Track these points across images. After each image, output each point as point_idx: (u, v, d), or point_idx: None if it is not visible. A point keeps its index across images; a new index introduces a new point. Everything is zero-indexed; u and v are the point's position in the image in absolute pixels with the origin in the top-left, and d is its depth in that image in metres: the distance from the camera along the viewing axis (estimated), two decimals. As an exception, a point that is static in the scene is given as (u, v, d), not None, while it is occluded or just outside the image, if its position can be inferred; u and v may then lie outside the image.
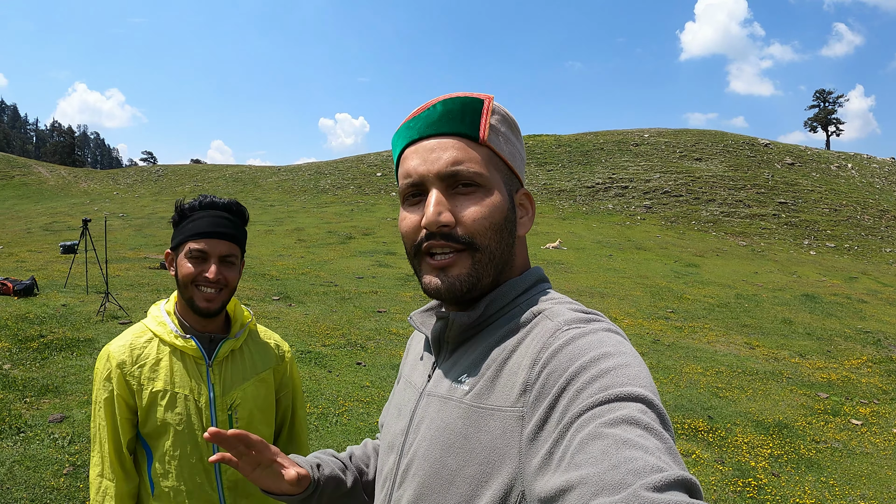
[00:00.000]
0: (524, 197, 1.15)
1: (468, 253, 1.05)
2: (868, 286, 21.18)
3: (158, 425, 1.90)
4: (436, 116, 1.09)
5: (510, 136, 1.12)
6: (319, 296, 13.69)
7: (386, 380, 8.04)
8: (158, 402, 1.91)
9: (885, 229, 34.00)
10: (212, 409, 1.96)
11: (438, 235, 1.04)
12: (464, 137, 1.07)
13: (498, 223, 1.06)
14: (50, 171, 58.93)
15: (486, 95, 1.10)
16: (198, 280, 1.91)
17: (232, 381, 2.02)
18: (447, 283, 1.06)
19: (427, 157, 1.07)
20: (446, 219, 1.03)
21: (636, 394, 0.81)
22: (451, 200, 1.06)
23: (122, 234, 25.04)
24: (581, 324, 0.97)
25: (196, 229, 1.91)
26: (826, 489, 5.80)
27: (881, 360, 11.15)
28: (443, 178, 1.05)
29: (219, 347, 2.01)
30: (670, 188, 38.13)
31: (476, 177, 1.05)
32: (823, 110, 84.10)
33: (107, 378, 1.93)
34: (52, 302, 11.09)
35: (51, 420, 5.90)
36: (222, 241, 1.93)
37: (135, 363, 1.94)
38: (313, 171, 50.47)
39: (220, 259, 1.93)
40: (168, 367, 1.95)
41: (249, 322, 2.16)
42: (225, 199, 2.00)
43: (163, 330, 1.99)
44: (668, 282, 19.08)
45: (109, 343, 2.00)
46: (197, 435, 1.92)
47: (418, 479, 1.03)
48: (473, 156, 1.06)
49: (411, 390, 1.20)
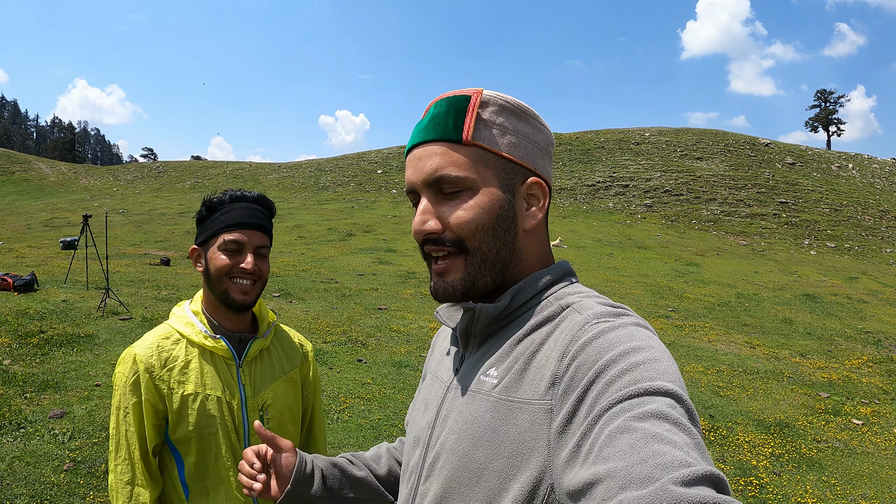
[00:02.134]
0: (534, 187, 1.11)
1: (461, 256, 1.07)
2: (868, 286, 21.18)
3: (191, 429, 1.85)
4: (425, 123, 1.10)
5: (511, 125, 1.10)
6: (320, 293, 13.68)
7: (387, 377, 8.03)
8: (190, 406, 1.85)
9: (886, 230, 34.00)
10: (243, 410, 1.93)
11: (429, 241, 1.08)
12: (446, 142, 1.07)
13: (486, 223, 1.05)
14: (50, 167, 58.99)
15: (475, 90, 1.09)
16: (233, 272, 1.88)
17: (262, 381, 1.99)
18: (443, 288, 1.09)
19: (416, 165, 1.09)
20: (430, 227, 1.07)
21: (665, 388, 0.80)
22: (440, 206, 1.07)
23: (123, 231, 25.04)
24: (610, 317, 0.97)
25: (229, 220, 1.89)
26: (827, 488, 5.80)
27: (882, 361, 11.15)
28: (429, 185, 1.07)
29: (248, 347, 1.98)
30: (671, 187, 38.13)
31: (458, 181, 1.05)
32: (824, 110, 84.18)
33: (134, 382, 1.85)
34: (53, 298, 11.08)
35: (51, 416, 5.89)
36: (257, 231, 1.92)
37: (164, 366, 1.87)
38: (314, 169, 50.51)
39: (255, 250, 1.91)
40: (198, 368, 1.90)
41: (275, 322, 2.14)
42: (254, 193, 1.99)
43: (191, 331, 1.93)
44: (668, 281, 19.08)
45: (133, 346, 1.93)
46: (231, 436, 1.89)
47: (446, 472, 1.03)
48: (456, 159, 1.05)
49: (438, 384, 1.20)
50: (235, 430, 1.90)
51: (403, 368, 8.44)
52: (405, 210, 33.84)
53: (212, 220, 1.93)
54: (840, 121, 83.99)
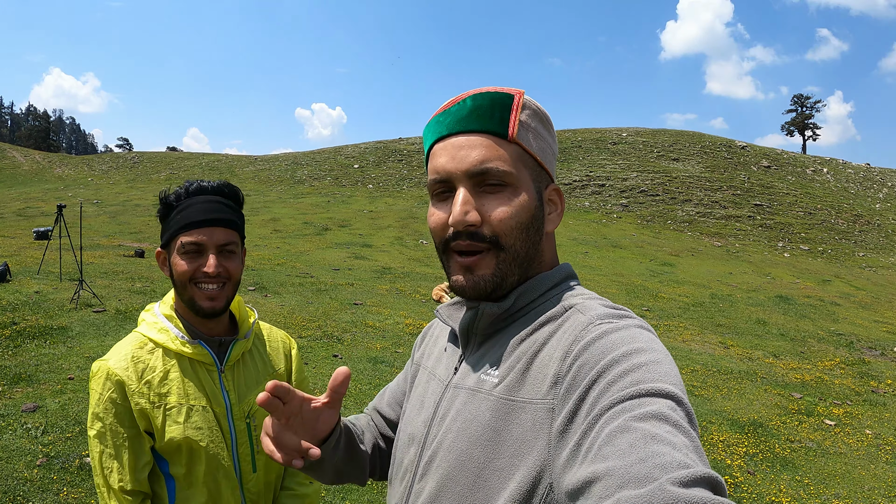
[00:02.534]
0: (554, 193, 1.15)
1: (493, 252, 1.06)
2: (841, 289, 21.47)
3: (176, 442, 1.71)
4: (465, 112, 1.08)
5: (541, 132, 1.12)
6: (295, 287, 13.62)
7: (362, 373, 8.00)
8: (174, 419, 1.72)
9: (859, 234, 34.46)
10: (229, 418, 1.80)
11: (465, 234, 1.05)
12: (492, 135, 1.07)
13: (524, 222, 1.06)
14: (24, 155, 58.26)
15: (517, 90, 1.10)
16: (196, 277, 1.71)
17: (247, 386, 1.87)
18: (472, 283, 1.07)
19: (455, 154, 1.07)
20: (473, 218, 1.04)
21: (666, 390, 0.81)
22: (479, 199, 1.06)
23: (97, 221, 24.78)
24: (613, 319, 0.98)
25: (186, 219, 1.71)
26: (801, 488, 5.86)
27: (854, 363, 11.30)
28: (471, 176, 1.05)
29: (230, 351, 1.84)
30: (647, 187, 38.37)
31: (504, 176, 1.05)
32: (801, 115, 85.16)
33: (109, 399, 1.69)
34: (25, 289, 10.93)
35: (23, 409, 5.81)
36: (218, 228, 1.73)
37: (140, 379, 1.72)
38: (290, 162, 50.28)
39: (219, 249, 1.73)
40: (179, 378, 1.75)
41: (255, 321, 1.98)
42: (214, 182, 1.79)
43: (165, 337, 1.77)
44: (643, 280, 19.22)
45: (104, 359, 1.76)
46: (219, 447, 1.77)
47: (442, 470, 1.02)
48: (502, 154, 1.06)
49: (435, 382, 1.20)
50: (224, 440, 1.79)
51: (379, 364, 8.42)
52: (381, 205, 33.81)
53: (169, 221, 1.76)
54: (816, 125, 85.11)
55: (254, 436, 1.85)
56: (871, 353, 12.42)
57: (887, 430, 7.67)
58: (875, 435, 7.46)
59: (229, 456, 1.79)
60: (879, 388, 9.61)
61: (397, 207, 33.22)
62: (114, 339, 8.19)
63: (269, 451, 1.03)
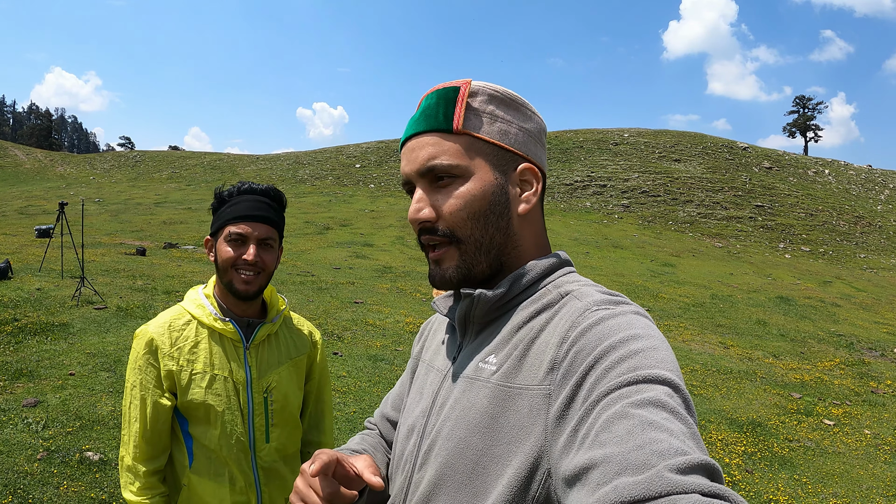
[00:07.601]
0: (526, 172, 1.12)
1: (454, 246, 1.08)
2: (842, 290, 21.46)
3: (197, 405, 1.94)
4: (417, 115, 1.12)
5: (500, 113, 1.11)
6: (296, 285, 13.64)
7: (362, 370, 8.02)
8: (198, 384, 1.94)
9: (860, 235, 34.45)
10: (248, 390, 2.00)
11: (424, 231, 1.09)
12: (438, 132, 1.09)
13: (478, 211, 1.07)
14: (26, 154, 58.32)
15: (464, 81, 1.11)
16: (237, 263, 1.95)
17: (268, 364, 2.06)
18: (439, 275, 1.11)
19: (409, 156, 1.11)
20: (424, 215, 1.08)
21: (664, 377, 0.81)
22: (434, 195, 1.09)
23: (98, 220, 24.82)
24: (610, 305, 0.97)
25: (235, 213, 1.96)
26: (799, 486, 5.87)
27: (853, 363, 11.30)
28: (422, 175, 1.09)
29: (256, 331, 2.04)
30: (648, 188, 38.37)
31: (451, 169, 1.06)
32: (803, 116, 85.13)
33: (145, 359, 1.95)
34: (27, 286, 10.95)
35: (24, 404, 5.83)
36: (261, 224, 1.98)
37: (173, 345, 1.96)
38: (292, 161, 50.32)
39: (259, 242, 1.97)
40: (207, 348, 1.98)
41: (284, 309, 2.20)
42: (263, 185, 2.06)
43: (202, 312, 2.01)
44: (644, 280, 19.21)
45: (146, 324, 2.02)
46: (235, 415, 1.97)
47: (440, 459, 1.02)
48: (448, 148, 1.07)
49: (434, 373, 1.20)
50: (240, 409, 1.98)
51: (379, 362, 8.43)
52: (382, 205, 33.82)
53: (220, 213, 2.02)
54: (818, 127, 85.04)
55: (269, 410, 2.04)
56: (871, 353, 12.43)
57: (886, 431, 7.68)
58: (874, 435, 7.47)
59: (244, 425, 1.99)
60: (879, 389, 9.62)
61: (399, 207, 33.23)
62: (114, 336, 8.22)
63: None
